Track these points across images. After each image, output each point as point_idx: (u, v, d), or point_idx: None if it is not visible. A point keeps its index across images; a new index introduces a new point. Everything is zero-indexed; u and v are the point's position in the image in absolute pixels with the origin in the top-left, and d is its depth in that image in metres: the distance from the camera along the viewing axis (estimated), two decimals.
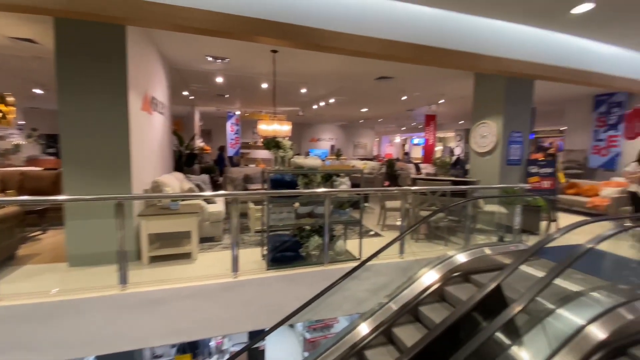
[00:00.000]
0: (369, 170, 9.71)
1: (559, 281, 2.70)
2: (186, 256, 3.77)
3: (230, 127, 13.82)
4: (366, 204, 6.91)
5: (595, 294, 2.70)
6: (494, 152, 5.66)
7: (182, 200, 4.01)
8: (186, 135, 10.70)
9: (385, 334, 3.08)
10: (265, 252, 3.58)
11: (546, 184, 5.72)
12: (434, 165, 6.46)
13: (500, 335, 2.34)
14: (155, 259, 3.66)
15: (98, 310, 2.76)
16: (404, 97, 9.36)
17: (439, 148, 18.96)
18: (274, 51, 5.21)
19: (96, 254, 3.46)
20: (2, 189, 5.53)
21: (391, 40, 3.68)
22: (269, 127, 6.53)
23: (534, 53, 4.40)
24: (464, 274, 3.48)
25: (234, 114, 13.65)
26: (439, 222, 4.61)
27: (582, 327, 2.25)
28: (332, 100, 10.02)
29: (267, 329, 3.02)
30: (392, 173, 9.14)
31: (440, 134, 18.81)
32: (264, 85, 7.87)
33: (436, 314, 3.04)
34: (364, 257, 3.52)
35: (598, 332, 2.20)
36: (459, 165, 8.98)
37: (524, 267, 3.18)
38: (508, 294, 2.43)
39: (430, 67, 4.58)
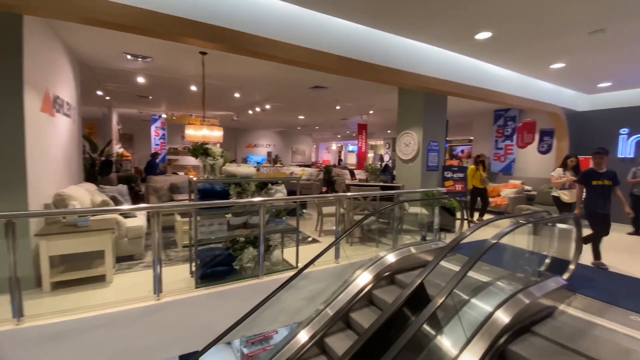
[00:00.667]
0: (307, 177, 9.82)
1: (471, 273, 3.06)
2: (99, 279, 3.29)
3: (154, 132, 12.65)
4: (304, 211, 6.95)
5: (499, 283, 3.11)
6: (416, 159, 6.21)
7: (93, 215, 3.51)
8: (102, 141, 9.48)
9: (320, 343, 3.09)
10: (194, 269, 3.32)
11: (459, 187, 6.47)
12: (366, 171, 6.83)
13: (426, 327, 2.54)
14: (59, 285, 3.12)
15: None
16: (338, 107, 9.74)
17: (370, 155, 20.18)
18: (203, 53, 4.94)
19: None
20: None
21: (320, 51, 3.79)
22: (197, 132, 6.13)
23: (447, 72, 4.98)
24: (393, 273, 3.71)
25: (160, 117, 12.55)
26: (371, 225, 4.86)
27: (491, 314, 2.57)
28: (268, 106, 9.91)
29: (200, 350, 2.79)
30: (329, 179, 9.39)
31: (371, 142, 20.08)
32: (193, 88, 7.41)
33: (366, 319, 3.15)
34: (301, 265, 3.51)
35: (503, 317, 2.53)
36: (388, 171, 9.65)
37: (442, 263, 3.53)
38: (430, 290, 2.66)
39: (360, 80, 4.85)
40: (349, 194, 4.75)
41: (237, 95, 8.26)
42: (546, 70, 5.77)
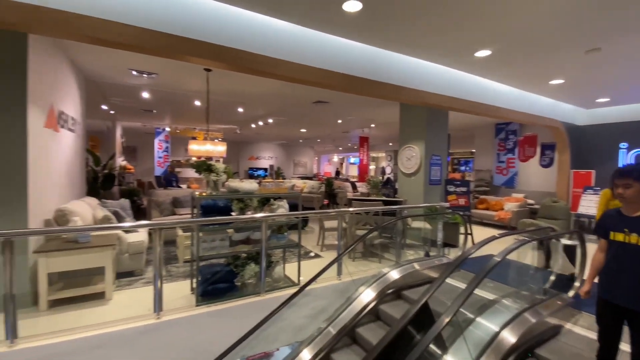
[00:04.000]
0: (309, 189, 9.81)
1: (476, 290, 3.01)
2: (99, 296, 3.25)
3: (158, 144, 12.76)
4: (305, 226, 6.91)
5: (505, 301, 3.05)
6: (418, 172, 6.20)
7: (94, 231, 3.49)
8: (105, 153, 9.54)
9: None
10: (195, 285, 3.28)
11: (462, 201, 6.44)
12: (367, 184, 6.82)
13: (432, 347, 2.47)
14: (57, 303, 3.08)
15: None
16: (340, 121, 9.82)
17: (372, 167, 20.22)
18: (208, 70, 5.02)
19: None
20: None
21: (324, 70, 3.85)
22: (201, 147, 6.16)
23: (447, 88, 5.04)
24: (397, 290, 3.65)
25: (163, 130, 12.68)
26: (373, 240, 4.81)
27: (497, 334, 2.51)
28: (270, 120, 10.01)
29: None
30: (330, 192, 9.37)
31: (373, 154, 20.17)
32: (197, 103, 7.50)
33: (373, 334, 3.10)
34: (303, 281, 3.46)
35: (510, 337, 2.47)
36: (390, 184, 9.64)
37: (447, 280, 3.48)
38: (434, 306, 2.60)
39: (362, 96, 4.91)
40: (350, 209, 4.73)
41: (240, 110, 8.35)
42: (545, 86, 5.83)
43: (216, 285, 3.13)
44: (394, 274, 3.73)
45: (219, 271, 3.26)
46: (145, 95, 6.84)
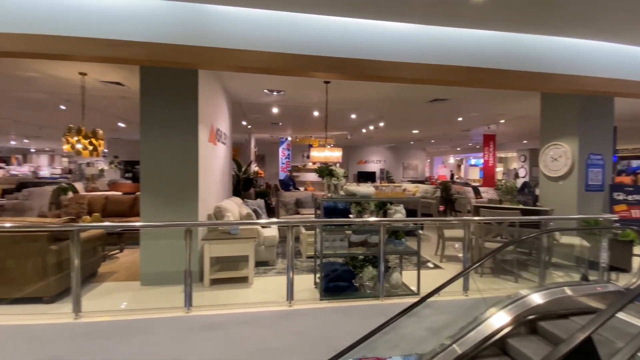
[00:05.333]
0: (422, 194, 9.31)
1: None
2: (243, 280, 3.89)
3: (281, 152, 14.47)
4: (420, 232, 6.56)
5: None
6: (569, 176, 5.06)
7: (242, 225, 4.21)
8: (243, 161, 11.41)
9: None
10: (318, 280, 3.55)
11: (636, 213, 4.92)
12: (497, 190, 5.95)
13: None
14: (215, 282, 3.84)
15: (164, 332, 2.93)
16: (460, 118, 8.97)
17: (499, 169, 17.58)
18: (327, 82, 5.41)
19: (165, 273, 3.74)
20: (89, 211, 6.34)
21: (445, 65, 3.59)
22: (320, 154, 6.68)
23: (611, 69, 3.95)
24: (537, 319, 3.05)
25: (286, 139, 14.30)
26: (505, 255, 4.17)
27: None
28: (381, 124, 9.99)
29: None
30: (447, 197, 8.64)
31: (500, 154, 17.53)
32: (315, 113, 8.15)
33: None
34: (422, 292, 3.30)
35: None
36: (528, 190, 8.18)
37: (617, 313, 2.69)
38: (598, 346, 2.06)
39: (489, 89, 4.36)
40: (476, 218, 4.24)
41: (353, 116, 8.64)
42: None
43: (337, 282, 3.31)
44: (536, 298, 3.14)
45: (340, 270, 3.44)
46: (275, 110, 7.87)
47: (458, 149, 19.03)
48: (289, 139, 14.34)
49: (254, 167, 13.27)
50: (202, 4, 3.30)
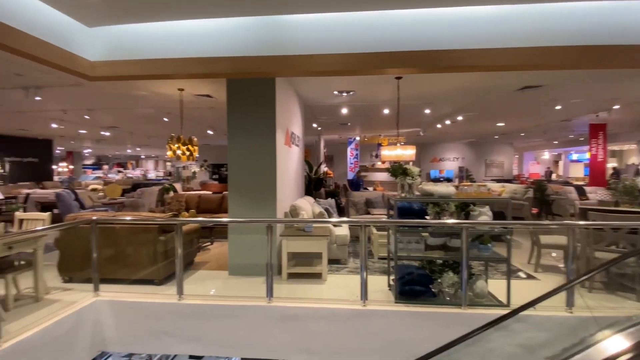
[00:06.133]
0: (510, 195, 8.35)
1: None
2: (317, 276, 4.03)
3: (350, 152, 14.53)
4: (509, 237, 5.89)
5: None
6: None
7: (315, 223, 4.37)
8: (313, 162, 11.81)
9: None
10: (391, 282, 3.47)
11: None
12: (610, 190, 4.98)
13: None
14: (291, 276, 4.06)
15: (249, 318, 3.22)
16: (558, 107, 7.77)
17: (611, 165, 14.68)
18: (399, 77, 5.25)
19: (249, 265, 4.11)
20: (187, 208, 7.32)
21: (540, 47, 3.16)
22: (391, 152, 6.51)
23: None
24: None
25: (354, 139, 14.31)
26: (623, 267, 3.47)
27: None
28: (459, 118, 9.26)
29: None
30: (542, 198, 7.57)
31: (614, 147, 14.63)
32: (386, 111, 7.97)
33: None
34: (513, 304, 2.96)
35: None
36: None
37: None
38: None
39: (602, 69, 3.69)
40: (581, 222, 3.62)
41: (427, 111, 8.21)
42: None
43: (413, 286, 3.19)
44: None
45: (415, 273, 3.30)
46: (344, 110, 7.95)
47: (555, 142, 16.48)
48: (357, 138, 14.32)
49: (324, 168, 13.62)
50: (276, 15, 3.53)
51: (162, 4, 3.29)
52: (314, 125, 10.30)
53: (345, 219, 4.17)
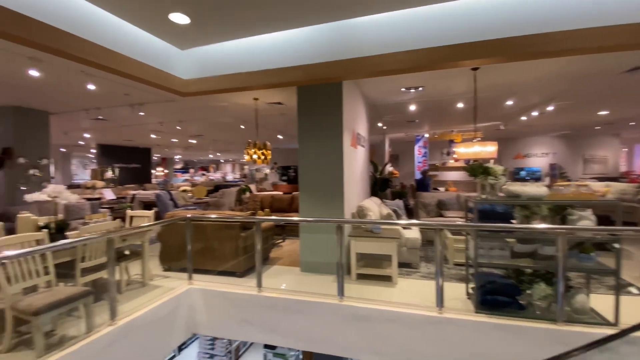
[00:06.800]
0: (618, 195, 7.03)
1: None
2: (386, 279, 3.96)
3: (417, 151, 13.85)
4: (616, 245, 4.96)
5: None
6: None
7: (384, 225, 4.30)
8: (377, 161, 11.59)
9: None
10: (470, 291, 3.22)
11: None
12: None
13: None
14: (360, 277, 4.06)
15: (320, 314, 3.32)
16: None
17: None
18: (475, 69, 4.84)
19: (319, 263, 4.23)
20: (262, 207, 7.87)
21: None
22: (468, 149, 5.99)
23: None
24: None
25: (422, 137, 13.59)
26: None
27: None
28: (550, 108, 8.12)
29: None
30: None
31: None
32: (459, 105, 7.42)
33: None
34: (621, 323, 2.50)
35: None
36: None
37: None
38: None
39: None
40: None
41: (509, 102, 7.40)
42: None
43: (496, 296, 2.91)
44: None
45: (497, 282, 3.01)
46: (412, 107, 7.64)
47: None
48: (426, 135, 13.57)
49: (389, 168, 13.26)
50: (342, 20, 3.59)
51: (239, 24, 3.62)
52: (379, 124, 10.10)
53: (416, 221, 4.00)
